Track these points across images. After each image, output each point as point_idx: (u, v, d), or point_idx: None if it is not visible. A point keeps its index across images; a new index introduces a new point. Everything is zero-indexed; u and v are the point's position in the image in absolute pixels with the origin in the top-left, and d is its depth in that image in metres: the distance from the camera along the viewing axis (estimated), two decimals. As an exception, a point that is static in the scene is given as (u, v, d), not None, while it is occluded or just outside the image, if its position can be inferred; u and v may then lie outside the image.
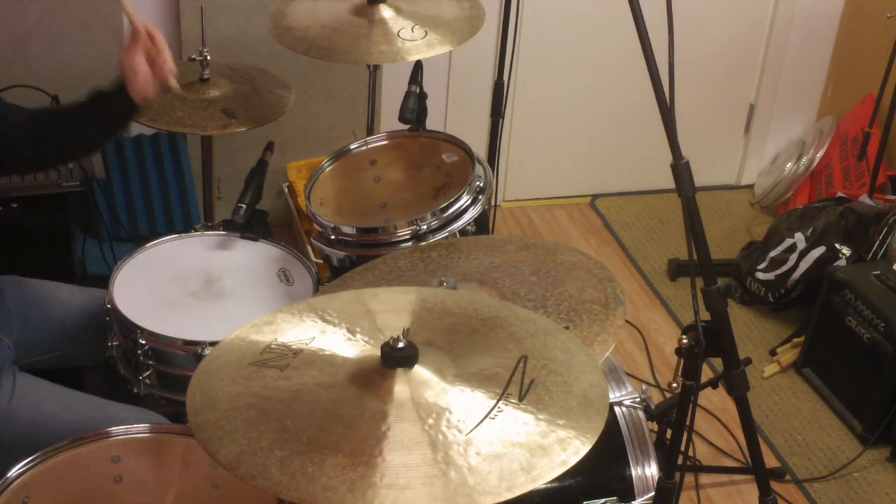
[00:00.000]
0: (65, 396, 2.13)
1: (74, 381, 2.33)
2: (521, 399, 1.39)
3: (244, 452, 1.33)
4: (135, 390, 2.25)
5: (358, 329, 1.54)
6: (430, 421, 1.36)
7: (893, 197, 3.47)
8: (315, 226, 2.49)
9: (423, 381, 1.41)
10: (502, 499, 1.27)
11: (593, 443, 1.35)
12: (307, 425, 1.36)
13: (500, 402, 1.39)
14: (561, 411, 1.39)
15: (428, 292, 1.71)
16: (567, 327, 1.85)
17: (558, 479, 2.05)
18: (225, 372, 1.48)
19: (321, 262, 2.58)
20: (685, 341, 1.68)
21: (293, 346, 1.51)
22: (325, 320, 1.57)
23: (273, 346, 1.51)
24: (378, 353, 1.44)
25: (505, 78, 3.09)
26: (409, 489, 1.27)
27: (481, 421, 1.36)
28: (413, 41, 2.57)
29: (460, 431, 1.34)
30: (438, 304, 1.64)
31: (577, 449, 1.34)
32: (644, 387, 2.48)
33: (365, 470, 1.29)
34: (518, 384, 1.42)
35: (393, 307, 1.61)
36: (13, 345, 2.17)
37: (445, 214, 2.37)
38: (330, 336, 1.53)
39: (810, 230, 3.35)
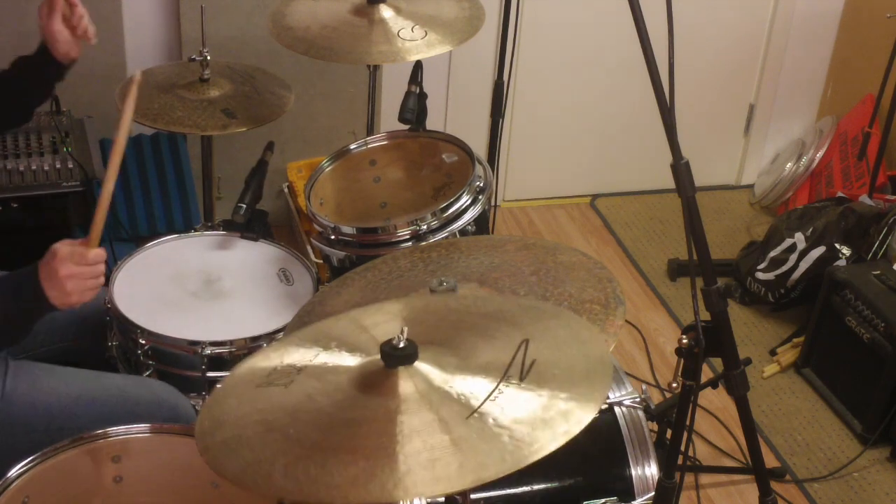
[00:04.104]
0: (59, 371, 2.11)
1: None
2: (521, 380, 1.40)
3: (249, 465, 1.34)
4: (135, 390, 2.25)
5: (361, 347, 1.54)
6: (433, 409, 1.36)
7: (893, 197, 3.47)
8: (315, 226, 2.49)
9: (424, 374, 1.42)
10: (505, 472, 1.28)
11: (595, 412, 1.36)
12: (310, 430, 1.37)
13: (501, 383, 1.39)
14: (563, 385, 1.39)
15: (424, 299, 1.71)
16: (567, 327, 1.85)
17: (558, 478, 2.06)
18: (232, 398, 1.50)
19: (321, 262, 2.58)
20: (685, 341, 1.68)
21: (297, 365, 1.52)
22: (326, 346, 1.57)
23: (278, 367, 1.52)
24: (379, 357, 1.44)
25: (505, 78, 3.09)
26: (411, 474, 1.27)
27: (482, 403, 1.36)
28: (413, 41, 2.57)
29: (462, 415, 1.35)
30: (438, 304, 1.64)
31: (579, 419, 1.34)
32: (644, 387, 2.48)
33: (367, 463, 1.29)
34: (519, 366, 1.42)
35: (388, 318, 1.60)
36: None
37: (445, 214, 2.37)
38: (333, 352, 1.54)
39: (810, 230, 3.35)
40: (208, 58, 2.76)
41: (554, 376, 1.41)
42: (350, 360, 1.51)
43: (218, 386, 1.55)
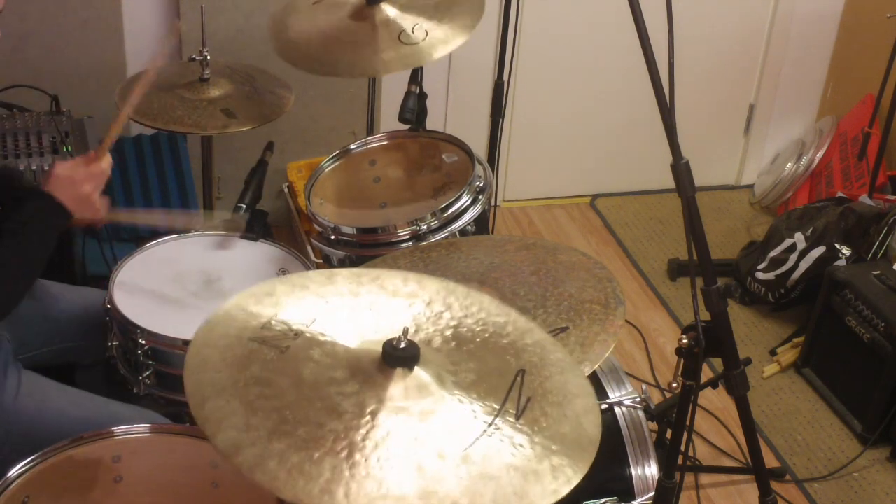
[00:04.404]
0: (69, 394, 2.13)
1: (68, 379, 2.33)
2: (517, 418, 1.38)
3: (243, 440, 1.31)
4: (135, 390, 2.25)
5: (361, 308, 1.52)
6: (429, 432, 1.34)
7: (893, 197, 3.47)
8: (315, 226, 2.49)
9: (422, 385, 1.40)
10: None
11: (584, 473, 1.34)
12: (306, 418, 1.34)
13: (498, 418, 1.38)
14: (556, 436, 1.37)
15: (435, 285, 1.68)
16: (567, 327, 1.85)
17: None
18: (224, 344, 1.45)
19: (321, 262, 2.58)
20: (685, 341, 1.68)
21: (293, 327, 1.48)
22: (326, 301, 1.54)
23: (273, 322, 1.49)
24: (378, 341, 1.42)
25: (505, 78, 3.08)
26: (405, 502, 1.26)
27: (478, 438, 1.34)
28: (417, 44, 2.54)
29: (457, 447, 1.33)
30: (441, 301, 1.62)
31: (568, 478, 1.32)
32: (644, 387, 2.48)
33: (366, 477, 1.28)
34: (515, 401, 1.40)
35: (400, 292, 1.58)
36: (10, 339, 2.18)
37: (445, 214, 2.37)
38: (331, 314, 1.51)
39: (810, 230, 3.35)
40: (208, 57, 2.76)
41: (548, 421, 1.39)
42: (348, 332, 1.48)
43: (206, 323, 1.49)
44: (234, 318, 1.50)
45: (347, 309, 1.53)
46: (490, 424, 1.36)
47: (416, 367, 1.41)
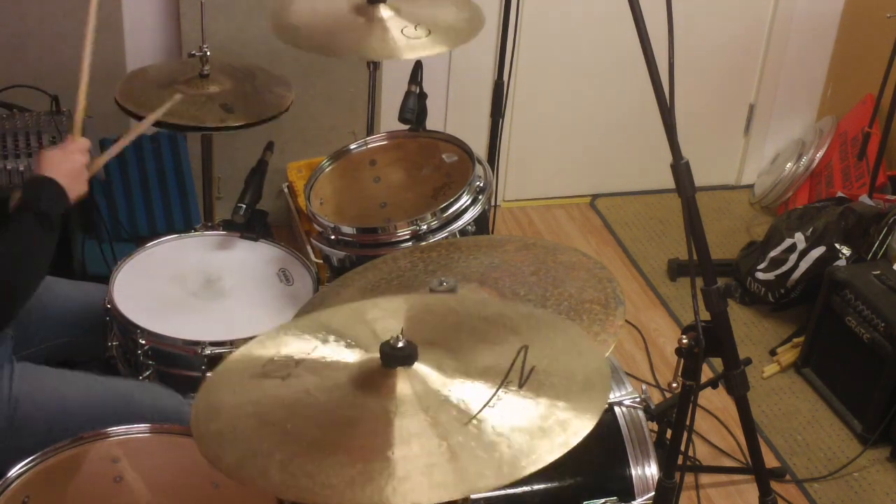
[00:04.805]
0: (64, 375, 2.12)
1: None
2: (520, 386, 1.40)
3: (245, 457, 1.33)
4: (135, 390, 2.25)
5: (359, 340, 1.54)
6: (431, 413, 1.36)
7: (893, 197, 3.47)
8: (315, 226, 2.49)
9: (423, 377, 1.42)
10: (502, 483, 1.27)
11: (594, 423, 1.35)
12: (308, 427, 1.36)
13: (500, 390, 1.39)
14: (561, 395, 1.39)
15: (425, 298, 1.71)
16: (567, 327, 1.85)
17: (559, 478, 2.06)
18: (227, 387, 1.49)
19: (321, 262, 2.58)
20: (685, 341, 1.68)
21: (295, 357, 1.51)
22: (325, 339, 1.57)
23: (275, 358, 1.52)
24: (378, 356, 1.44)
25: (505, 78, 3.09)
26: (408, 480, 1.27)
27: (481, 409, 1.36)
28: (413, 39, 2.57)
29: (460, 421, 1.34)
30: (439, 304, 1.64)
31: (577, 430, 1.34)
32: (644, 387, 2.48)
33: (364, 465, 1.29)
34: (518, 372, 1.42)
35: (388, 314, 1.60)
36: (13, 336, 2.17)
37: (445, 214, 2.37)
38: (332, 345, 1.53)
39: (810, 230, 3.35)
40: (208, 53, 2.76)
41: (553, 385, 1.41)
42: (349, 356, 1.50)
43: (212, 373, 1.54)
44: (236, 367, 1.54)
45: (347, 339, 1.55)
46: (492, 397, 1.38)
47: (416, 363, 1.42)
